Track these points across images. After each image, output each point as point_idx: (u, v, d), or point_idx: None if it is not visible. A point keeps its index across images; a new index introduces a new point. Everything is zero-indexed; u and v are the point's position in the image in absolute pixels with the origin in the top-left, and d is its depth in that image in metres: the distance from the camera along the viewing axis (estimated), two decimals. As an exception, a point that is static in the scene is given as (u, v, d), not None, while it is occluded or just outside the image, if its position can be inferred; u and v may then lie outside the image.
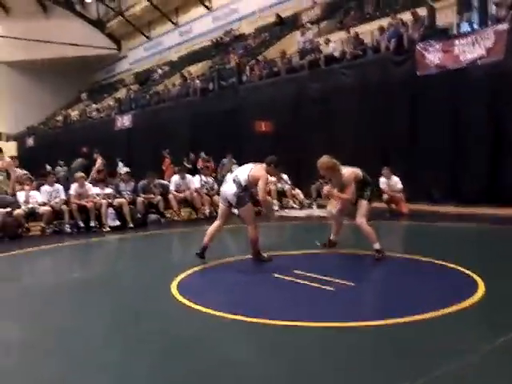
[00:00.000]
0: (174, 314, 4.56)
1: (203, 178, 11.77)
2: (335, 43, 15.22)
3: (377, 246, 6.18)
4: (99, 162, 13.05)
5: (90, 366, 3.49)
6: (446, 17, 13.13)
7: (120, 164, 18.28)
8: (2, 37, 34.30)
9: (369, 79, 12.91)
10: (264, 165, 6.20)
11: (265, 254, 6.36)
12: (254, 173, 6.09)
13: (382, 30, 13.87)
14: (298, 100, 14.81)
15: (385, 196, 10.32)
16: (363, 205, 6.32)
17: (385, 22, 14.54)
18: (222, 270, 6.11)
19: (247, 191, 6.20)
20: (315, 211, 11.50)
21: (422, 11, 13.14)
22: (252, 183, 6.13)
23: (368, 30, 14.92)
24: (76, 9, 35.67)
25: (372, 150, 12.61)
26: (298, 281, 5.30)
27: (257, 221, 6.35)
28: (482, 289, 4.71)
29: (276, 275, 5.54)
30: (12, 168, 9.92)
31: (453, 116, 11.17)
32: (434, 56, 11.47)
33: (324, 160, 6.33)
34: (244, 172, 6.16)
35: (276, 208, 11.20)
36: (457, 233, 8.36)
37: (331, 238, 6.85)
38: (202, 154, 15.87)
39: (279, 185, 12.43)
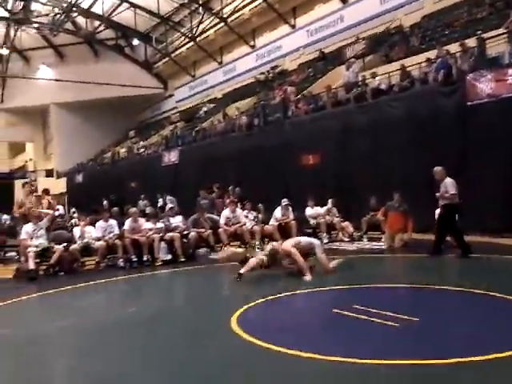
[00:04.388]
0: (233, 348, 4.51)
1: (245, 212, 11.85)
2: (381, 76, 15.24)
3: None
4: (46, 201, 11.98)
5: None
6: (497, 46, 12.96)
7: (160, 200, 18.57)
8: (56, 80, 36.12)
9: (417, 111, 12.76)
10: None
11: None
12: None
13: (429, 61, 13.81)
14: (345, 133, 14.76)
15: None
16: None
17: (431, 54, 14.51)
18: (281, 304, 6.03)
19: None
20: (366, 244, 11.29)
21: (471, 42, 13.02)
22: None
23: (414, 63, 14.87)
24: (125, 52, 37.20)
25: (421, 182, 12.36)
26: (359, 316, 5.15)
27: None
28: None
29: (335, 310, 5.41)
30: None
31: (507, 143, 10.88)
32: (485, 85, 11.28)
33: None
34: None
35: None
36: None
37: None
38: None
39: (328, 217, 12.31)
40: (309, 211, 12.48)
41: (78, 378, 4.16)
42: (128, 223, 10.17)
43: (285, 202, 11.77)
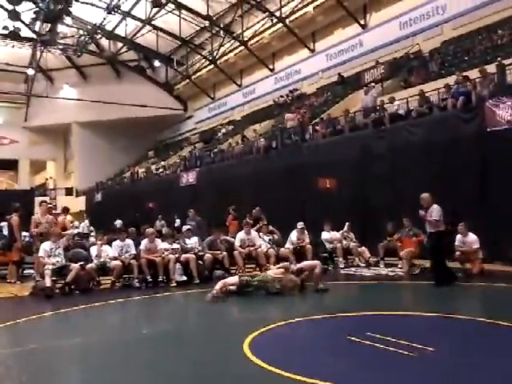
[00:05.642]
0: (244, 374, 4.48)
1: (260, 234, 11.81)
2: (400, 101, 15.26)
3: None
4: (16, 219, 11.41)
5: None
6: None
7: (177, 221, 18.63)
8: (78, 100, 36.88)
9: (436, 136, 12.71)
10: None
11: None
12: None
13: (448, 87, 13.80)
14: (363, 158, 14.74)
15: (457, 253, 9.84)
16: None
17: (450, 80, 14.50)
18: (294, 329, 5.98)
19: None
20: (382, 270, 11.16)
21: (491, 68, 12.99)
22: None
23: (433, 89, 14.86)
24: (146, 73, 37.87)
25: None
26: (373, 344, 5.08)
27: None
28: None
29: (350, 337, 5.35)
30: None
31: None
32: (505, 112, 11.22)
33: None
34: None
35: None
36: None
37: None
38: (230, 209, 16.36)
39: (344, 242, 12.24)
40: (325, 235, 12.42)
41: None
42: (144, 243, 10.22)
43: (300, 225, 11.73)
